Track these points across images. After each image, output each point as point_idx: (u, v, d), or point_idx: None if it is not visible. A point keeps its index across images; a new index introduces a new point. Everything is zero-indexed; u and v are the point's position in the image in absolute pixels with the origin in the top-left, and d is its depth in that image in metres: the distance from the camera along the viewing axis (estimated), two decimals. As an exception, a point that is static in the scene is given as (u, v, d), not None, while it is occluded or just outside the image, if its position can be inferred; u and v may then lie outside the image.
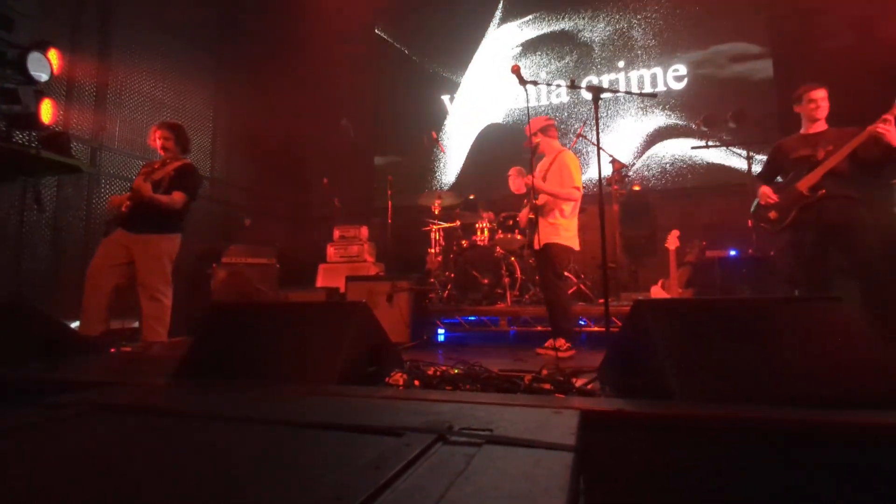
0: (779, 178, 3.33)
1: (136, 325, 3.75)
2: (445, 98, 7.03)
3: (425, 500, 0.66)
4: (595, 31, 6.35)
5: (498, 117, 6.73)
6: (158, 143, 3.48)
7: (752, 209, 3.34)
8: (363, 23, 7.12)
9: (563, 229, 3.41)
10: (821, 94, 3.04)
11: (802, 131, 3.18)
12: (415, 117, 7.03)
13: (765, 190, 3.19)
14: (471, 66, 6.93)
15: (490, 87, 6.74)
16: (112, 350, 3.18)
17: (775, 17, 5.57)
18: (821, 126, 3.09)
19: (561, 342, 3.13)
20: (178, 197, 3.30)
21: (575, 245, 3.47)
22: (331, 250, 5.51)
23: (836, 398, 1.42)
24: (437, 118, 7.00)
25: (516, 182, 4.82)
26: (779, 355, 1.59)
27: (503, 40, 6.82)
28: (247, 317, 2.17)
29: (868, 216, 2.92)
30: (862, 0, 3.85)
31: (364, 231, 5.58)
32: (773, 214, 3.15)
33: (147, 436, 1.05)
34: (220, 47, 6.26)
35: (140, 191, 3.15)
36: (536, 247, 3.41)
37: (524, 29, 6.72)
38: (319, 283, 5.37)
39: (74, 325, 3.39)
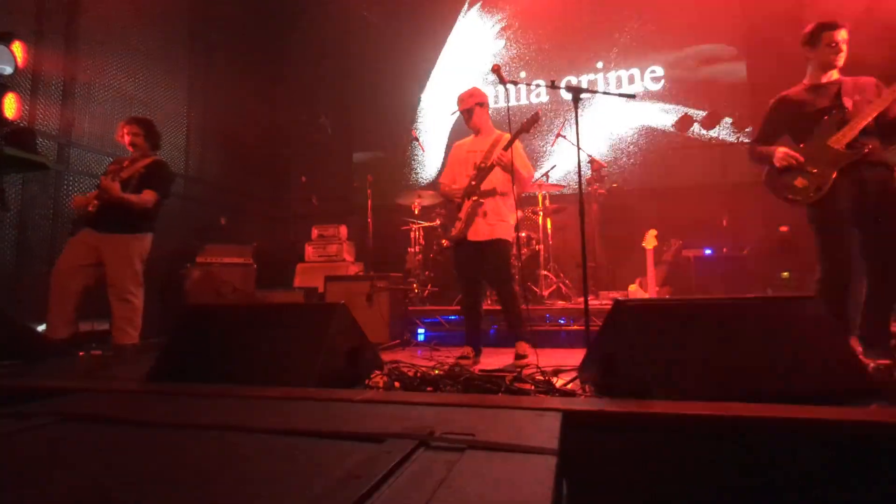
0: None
1: (107, 327, 3.64)
2: (426, 97, 7.01)
3: (407, 510, 0.64)
4: (573, 31, 6.40)
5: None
6: (127, 138, 3.36)
7: (764, 178, 2.68)
8: (343, 15, 7.02)
9: (512, 222, 3.10)
10: (843, 36, 2.52)
11: (809, 82, 2.64)
12: (394, 114, 6.98)
13: (785, 150, 2.53)
14: (441, 61, 6.91)
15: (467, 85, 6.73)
16: (80, 354, 3.07)
17: (748, 19, 5.70)
18: (834, 75, 2.57)
19: (525, 347, 2.88)
20: (148, 196, 3.21)
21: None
22: (309, 249, 5.44)
23: (809, 394, 1.46)
24: (416, 115, 6.97)
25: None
26: (754, 353, 1.62)
27: (475, 37, 6.82)
28: (223, 318, 2.12)
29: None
30: (834, 4, 3.96)
31: (343, 230, 5.52)
32: (801, 181, 2.49)
33: (117, 448, 1.01)
34: (195, 40, 6.09)
35: (108, 190, 3.05)
36: (480, 237, 2.98)
37: (495, 26, 6.74)
38: (297, 283, 5.30)
39: (41, 328, 3.27)
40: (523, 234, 4.76)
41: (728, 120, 5.43)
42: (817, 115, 2.50)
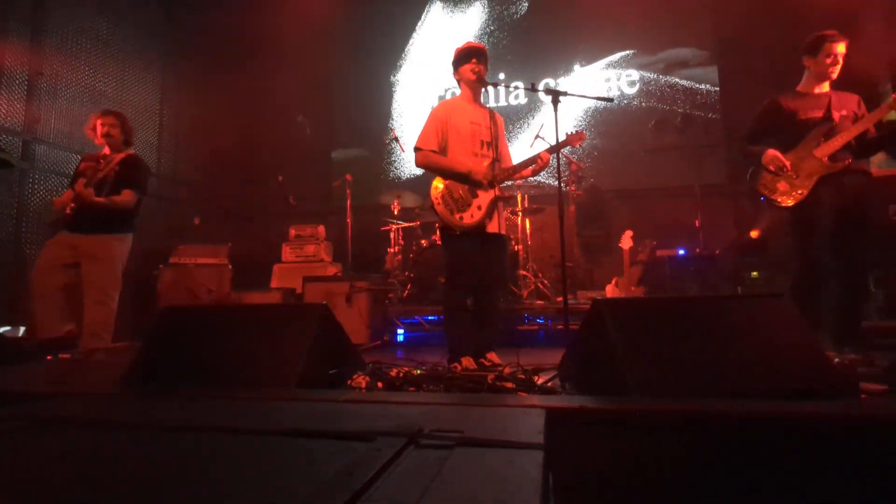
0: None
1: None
2: (406, 97, 7.00)
3: (401, 506, 0.65)
4: (549, 33, 6.50)
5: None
6: (101, 130, 3.22)
7: (749, 175, 2.82)
8: (318, 13, 6.96)
9: None
10: (843, 48, 2.61)
11: (804, 88, 2.76)
12: (373, 112, 6.96)
13: (775, 153, 2.65)
14: (414, 56, 6.92)
15: (447, 87, 6.76)
16: (48, 357, 2.97)
17: (720, 26, 5.88)
18: (825, 87, 2.70)
19: (494, 356, 2.63)
20: (129, 197, 3.12)
21: None
22: (286, 250, 5.37)
23: (778, 390, 1.52)
24: (391, 111, 6.97)
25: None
26: (727, 350, 1.68)
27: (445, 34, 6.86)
28: (201, 320, 2.08)
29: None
30: (805, 10, 4.11)
31: (321, 230, 5.46)
32: (783, 185, 2.64)
33: (95, 451, 0.98)
34: (168, 35, 5.96)
35: (83, 198, 2.95)
36: (496, 230, 2.70)
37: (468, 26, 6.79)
38: (274, 283, 5.22)
39: (3, 329, 3.15)
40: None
41: (700, 123, 5.57)
42: (809, 125, 2.63)
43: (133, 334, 4.30)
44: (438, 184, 2.70)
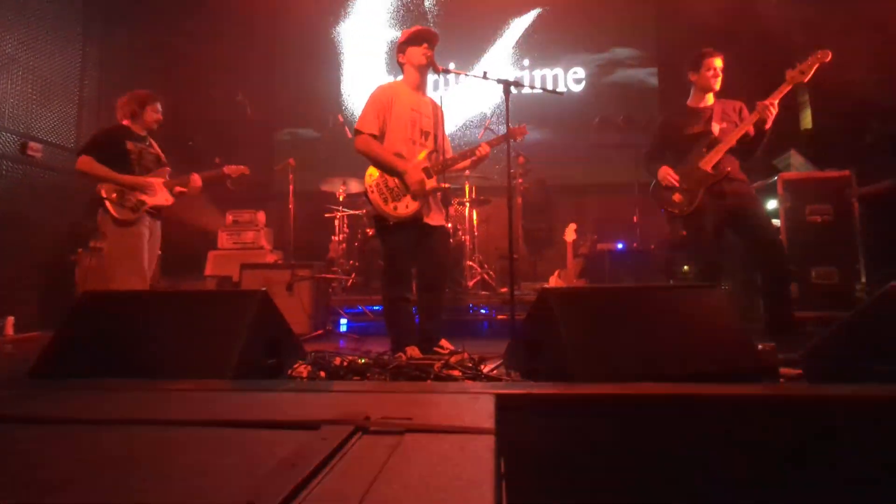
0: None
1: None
2: (351, 81, 6.80)
3: (349, 496, 0.61)
4: (500, 27, 6.54)
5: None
6: (160, 117, 3.37)
7: (651, 189, 3.10)
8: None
9: None
10: (720, 63, 2.87)
11: (691, 103, 3.01)
12: (319, 98, 6.72)
13: (667, 170, 2.94)
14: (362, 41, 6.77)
15: (394, 71, 6.65)
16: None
17: (662, 30, 6.15)
18: (710, 99, 2.94)
19: (446, 342, 2.65)
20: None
21: None
22: (222, 236, 5.09)
23: (709, 374, 1.61)
24: (341, 99, 6.75)
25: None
26: (663, 337, 1.76)
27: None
28: (127, 307, 1.91)
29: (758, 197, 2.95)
30: (745, 13, 4.36)
31: (261, 216, 5.22)
32: (678, 197, 2.91)
33: (5, 448, 0.87)
34: (91, 4, 5.43)
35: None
36: (436, 221, 2.66)
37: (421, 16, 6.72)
38: (209, 271, 4.94)
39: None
40: (448, 225, 4.79)
41: (641, 124, 5.82)
42: (692, 139, 2.91)
43: (43, 324, 3.93)
44: (373, 171, 2.60)
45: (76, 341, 1.73)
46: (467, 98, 6.54)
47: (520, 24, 6.51)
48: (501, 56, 6.54)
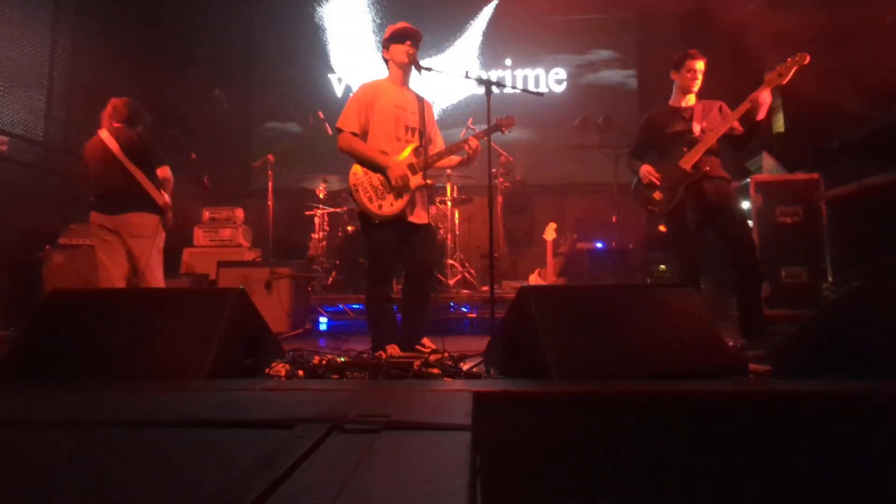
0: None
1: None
2: (333, 77, 6.74)
3: (325, 493, 0.61)
4: (483, 28, 6.56)
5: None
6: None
7: (632, 187, 3.14)
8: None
9: None
10: (701, 66, 2.93)
11: (673, 102, 3.05)
12: (299, 93, 6.63)
13: (648, 168, 2.98)
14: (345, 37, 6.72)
15: (375, 68, 6.61)
16: None
17: (642, 33, 6.25)
18: (691, 99, 3.00)
19: (428, 341, 2.63)
20: None
21: None
22: (199, 233, 4.99)
23: (682, 371, 1.65)
24: (323, 97, 6.67)
25: None
26: (639, 335, 1.79)
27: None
28: (98, 306, 1.87)
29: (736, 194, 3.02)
30: (723, 18, 4.44)
31: (239, 213, 5.13)
32: (658, 195, 2.95)
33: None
34: (60, -8, 5.26)
35: None
36: (420, 219, 2.64)
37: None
38: (185, 269, 4.84)
39: None
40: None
41: (620, 125, 5.90)
42: (673, 137, 2.96)
43: (10, 324, 3.81)
44: (358, 169, 2.57)
45: (44, 341, 1.68)
46: (447, 98, 6.55)
47: (505, 26, 6.54)
48: (483, 55, 6.56)
